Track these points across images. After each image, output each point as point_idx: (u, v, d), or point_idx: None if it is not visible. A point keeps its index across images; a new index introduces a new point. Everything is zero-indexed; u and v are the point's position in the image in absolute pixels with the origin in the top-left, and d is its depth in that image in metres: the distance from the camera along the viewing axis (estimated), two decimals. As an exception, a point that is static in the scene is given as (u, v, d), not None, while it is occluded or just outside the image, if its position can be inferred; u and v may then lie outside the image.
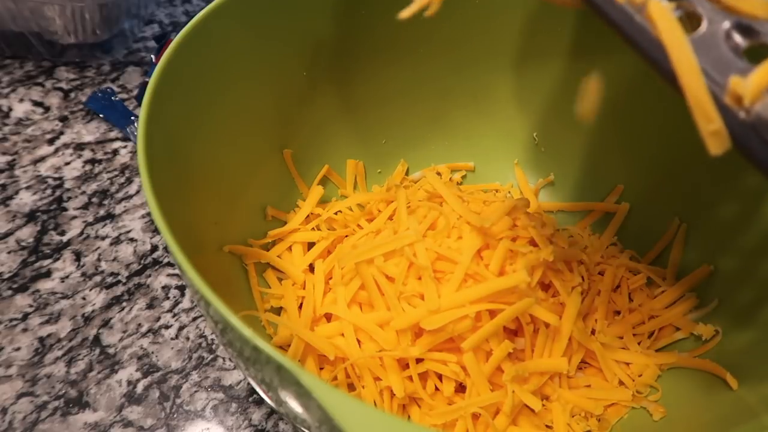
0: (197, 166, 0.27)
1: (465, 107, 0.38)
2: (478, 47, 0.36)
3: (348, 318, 0.28)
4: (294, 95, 0.33)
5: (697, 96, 0.16)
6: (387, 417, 0.16)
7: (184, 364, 0.33)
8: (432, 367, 0.28)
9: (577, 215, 0.39)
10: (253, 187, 0.32)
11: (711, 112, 0.16)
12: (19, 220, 0.38)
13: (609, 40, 0.32)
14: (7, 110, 0.44)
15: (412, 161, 0.39)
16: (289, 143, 0.34)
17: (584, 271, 0.32)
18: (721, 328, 0.30)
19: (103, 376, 0.32)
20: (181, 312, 0.35)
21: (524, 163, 0.40)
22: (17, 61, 0.48)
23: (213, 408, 0.31)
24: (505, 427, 0.28)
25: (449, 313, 0.27)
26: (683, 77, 0.16)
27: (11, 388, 0.31)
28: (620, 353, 0.31)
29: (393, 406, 0.28)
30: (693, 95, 0.16)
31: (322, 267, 0.32)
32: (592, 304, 0.32)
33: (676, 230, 0.34)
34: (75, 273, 0.36)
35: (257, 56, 0.30)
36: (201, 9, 0.27)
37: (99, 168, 0.42)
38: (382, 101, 0.37)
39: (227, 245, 0.30)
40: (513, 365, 0.28)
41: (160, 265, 0.37)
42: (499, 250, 0.29)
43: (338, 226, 0.35)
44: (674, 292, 0.32)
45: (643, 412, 0.29)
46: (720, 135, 0.16)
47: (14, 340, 0.33)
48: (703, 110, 0.16)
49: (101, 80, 0.48)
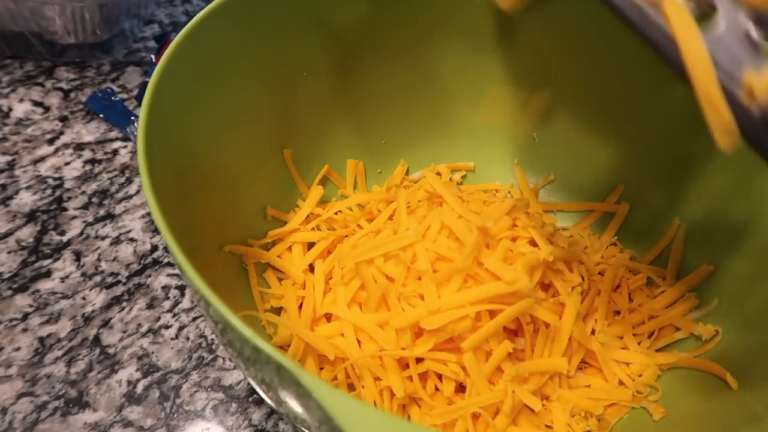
0: (197, 166, 0.27)
1: (465, 107, 0.38)
2: (478, 47, 0.36)
3: (348, 318, 0.28)
4: (294, 95, 0.33)
5: (707, 90, 0.16)
6: (387, 417, 0.16)
7: (184, 364, 0.33)
8: (432, 367, 0.28)
9: (577, 215, 0.39)
10: (253, 187, 0.32)
11: (720, 106, 0.16)
12: (19, 220, 0.38)
13: (608, 41, 0.33)
14: (7, 110, 0.44)
15: (412, 161, 0.39)
16: (289, 143, 0.34)
17: (584, 271, 0.32)
18: (721, 328, 0.30)
19: (103, 376, 0.32)
20: (181, 312, 0.35)
21: (524, 163, 0.40)
22: (17, 61, 0.48)
23: (213, 408, 0.31)
24: (505, 427, 0.28)
25: (449, 313, 0.27)
26: (693, 70, 0.16)
27: (11, 388, 0.31)
28: (620, 353, 0.31)
29: (393, 406, 0.28)
30: (703, 89, 0.16)
31: (322, 267, 0.32)
32: (592, 304, 0.32)
33: (676, 230, 0.34)
34: (75, 273, 0.36)
35: (257, 56, 0.30)
36: (201, 9, 0.27)
37: (99, 168, 0.42)
38: (382, 101, 0.37)
39: (227, 245, 0.30)
40: (513, 365, 0.28)
41: (160, 265, 0.37)
42: (499, 250, 0.29)
43: (338, 226, 0.35)
44: (674, 292, 0.32)
45: (643, 412, 0.29)
46: (729, 129, 0.16)
47: (14, 340, 0.33)
48: (713, 104, 0.16)
49: (101, 80, 0.48)
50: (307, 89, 0.34)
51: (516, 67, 0.37)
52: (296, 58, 0.32)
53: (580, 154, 0.38)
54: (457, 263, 0.28)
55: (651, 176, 0.35)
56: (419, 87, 0.37)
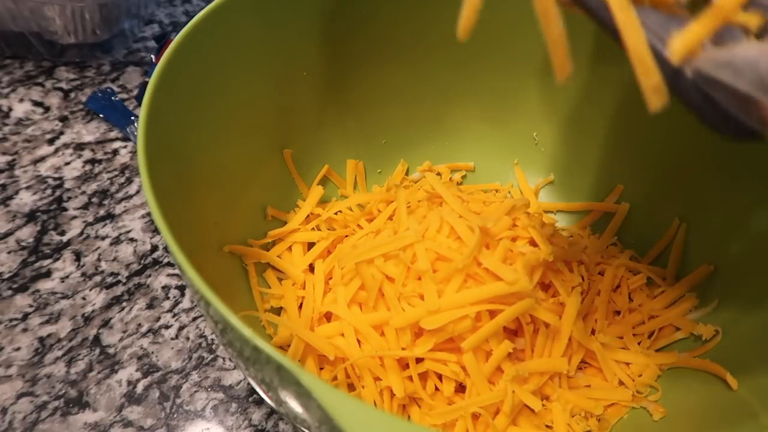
0: (197, 166, 0.27)
1: (465, 107, 0.39)
2: (478, 47, 0.36)
3: (348, 318, 0.28)
4: (294, 95, 0.33)
5: (638, 52, 0.17)
6: (387, 417, 0.16)
7: (184, 364, 0.33)
8: (432, 367, 0.28)
9: (577, 215, 0.39)
10: (253, 187, 0.32)
11: (651, 68, 0.16)
12: (19, 220, 0.38)
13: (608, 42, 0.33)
14: (7, 110, 0.44)
15: (412, 161, 0.39)
16: (289, 143, 0.34)
17: (584, 271, 0.32)
18: (721, 328, 0.30)
19: (103, 376, 0.32)
20: (181, 312, 0.35)
21: (524, 163, 0.40)
22: (17, 61, 0.48)
23: (213, 408, 0.31)
24: (505, 427, 0.28)
25: (449, 314, 0.27)
26: (625, 34, 0.17)
27: (11, 388, 0.31)
28: (620, 353, 0.31)
29: (393, 406, 0.28)
30: (634, 51, 0.17)
31: (322, 267, 0.32)
32: (592, 304, 0.32)
33: (676, 230, 0.34)
34: (75, 273, 0.36)
35: (257, 56, 0.30)
36: (201, 9, 0.27)
37: (99, 168, 0.42)
38: (382, 101, 0.37)
39: (227, 245, 0.30)
40: (513, 365, 0.28)
41: (160, 265, 0.37)
42: (499, 250, 0.29)
43: (338, 226, 0.35)
44: (674, 292, 0.32)
45: (643, 412, 0.29)
46: (659, 90, 0.16)
47: (14, 340, 0.33)
48: (644, 66, 0.16)
49: (101, 80, 0.48)
50: (307, 89, 0.34)
51: (516, 66, 0.37)
52: (296, 57, 0.32)
53: (580, 154, 0.38)
54: (457, 263, 0.28)
55: (651, 176, 0.35)
56: (419, 87, 0.37)
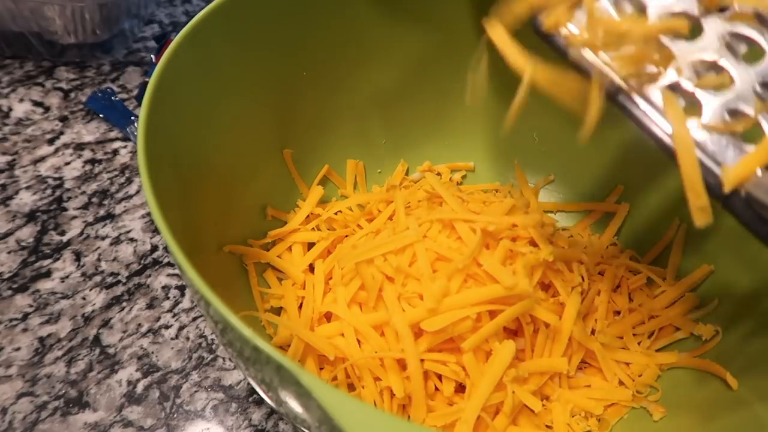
0: (197, 165, 0.27)
1: (465, 107, 0.38)
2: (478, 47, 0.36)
3: (348, 318, 0.28)
4: (294, 95, 0.33)
5: (691, 176, 0.19)
6: (387, 417, 0.16)
7: (184, 364, 0.33)
8: (432, 367, 0.28)
9: (577, 215, 0.39)
10: (253, 187, 0.32)
11: (700, 191, 0.19)
12: (19, 220, 0.38)
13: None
14: (7, 110, 0.44)
15: (412, 161, 0.39)
16: (289, 143, 0.34)
17: (584, 271, 0.32)
18: (721, 328, 0.30)
19: (103, 376, 0.32)
20: (181, 312, 0.35)
21: (524, 163, 0.40)
22: (17, 61, 0.48)
23: (213, 408, 0.31)
24: (505, 427, 0.28)
25: (449, 315, 0.26)
26: (681, 159, 0.19)
27: (11, 388, 0.31)
28: (620, 353, 0.31)
29: (393, 406, 0.28)
30: (687, 175, 0.19)
31: (322, 267, 0.32)
32: (592, 304, 0.32)
33: (676, 230, 0.34)
34: (75, 273, 0.36)
35: (257, 56, 0.30)
36: (201, 9, 0.27)
37: (99, 168, 0.42)
38: (382, 101, 0.37)
39: (227, 245, 0.30)
40: (513, 365, 0.28)
41: (160, 265, 0.37)
42: (499, 250, 0.29)
43: (338, 226, 0.35)
44: (674, 292, 0.32)
45: (643, 412, 0.29)
46: (706, 211, 0.19)
47: (14, 340, 0.33)
48: (695, 189, 0.19)
49: (101, 80, 0.48)
50: (308, 89, 0.34)
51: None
52: (296, 58, 0.32)
53: (580, 154, 0.38)
54: (457, 263, 0.28)
55: (651, 176, 0.35)
56: (419, 87, 0.37)
